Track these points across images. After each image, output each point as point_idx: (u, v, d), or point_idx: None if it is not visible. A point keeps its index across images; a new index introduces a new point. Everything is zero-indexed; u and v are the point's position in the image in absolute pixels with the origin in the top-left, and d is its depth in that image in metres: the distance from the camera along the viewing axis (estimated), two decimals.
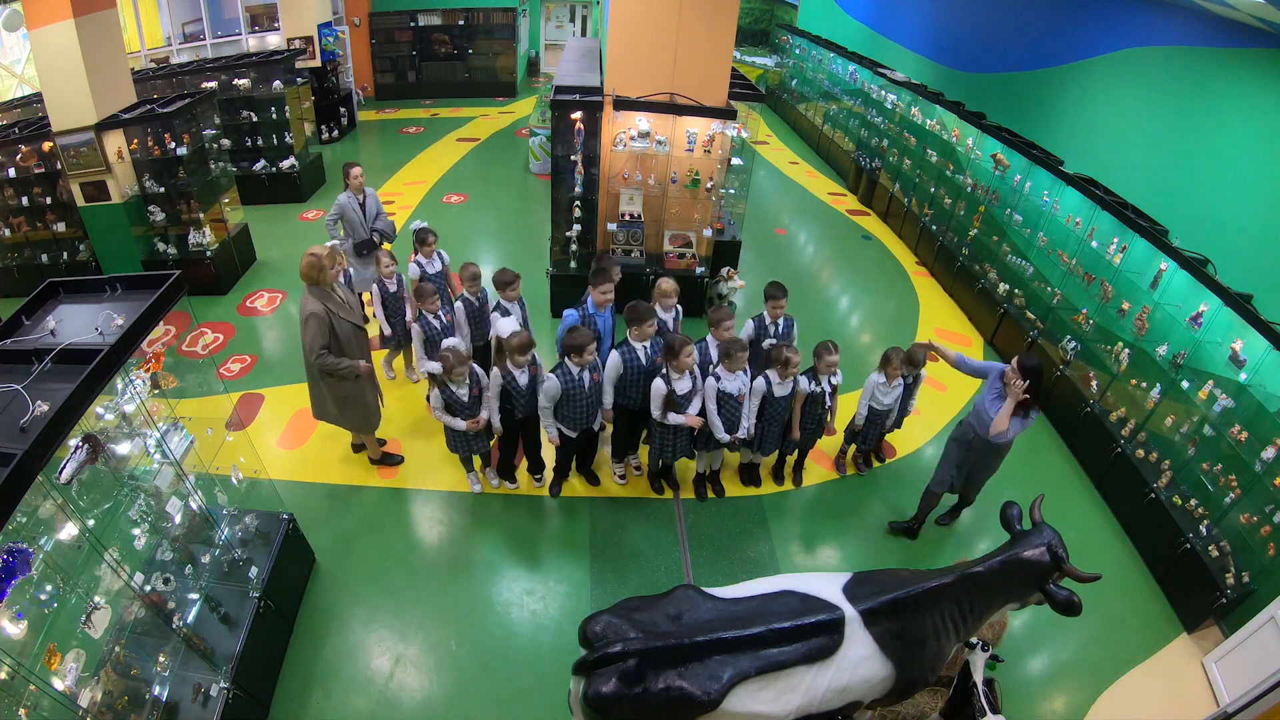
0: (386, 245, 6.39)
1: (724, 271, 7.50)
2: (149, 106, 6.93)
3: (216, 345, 6.68)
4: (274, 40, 11.79)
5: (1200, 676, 4.21)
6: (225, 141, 8.33)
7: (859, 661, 2.81)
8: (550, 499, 5.12)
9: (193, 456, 3.71)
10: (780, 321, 5.09)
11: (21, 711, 2.48)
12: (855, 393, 5.97)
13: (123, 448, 3.20)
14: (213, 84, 9.37)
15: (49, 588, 2.70)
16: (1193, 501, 4.72)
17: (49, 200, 7.26)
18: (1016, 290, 7.14)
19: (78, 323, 3.03)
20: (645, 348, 4.58)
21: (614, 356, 4.56)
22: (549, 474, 5.19)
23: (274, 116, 9.68)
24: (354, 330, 4.53)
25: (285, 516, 4.23)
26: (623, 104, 6.34)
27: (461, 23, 14.65)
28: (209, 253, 7.34)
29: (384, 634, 4.14)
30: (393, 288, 5.59)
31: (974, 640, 3.28)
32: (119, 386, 3.14)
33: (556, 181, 6.72)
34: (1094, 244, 5.98)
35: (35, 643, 2.61)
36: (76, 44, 6.20)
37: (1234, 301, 4.56)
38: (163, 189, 7.16)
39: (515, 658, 4.05)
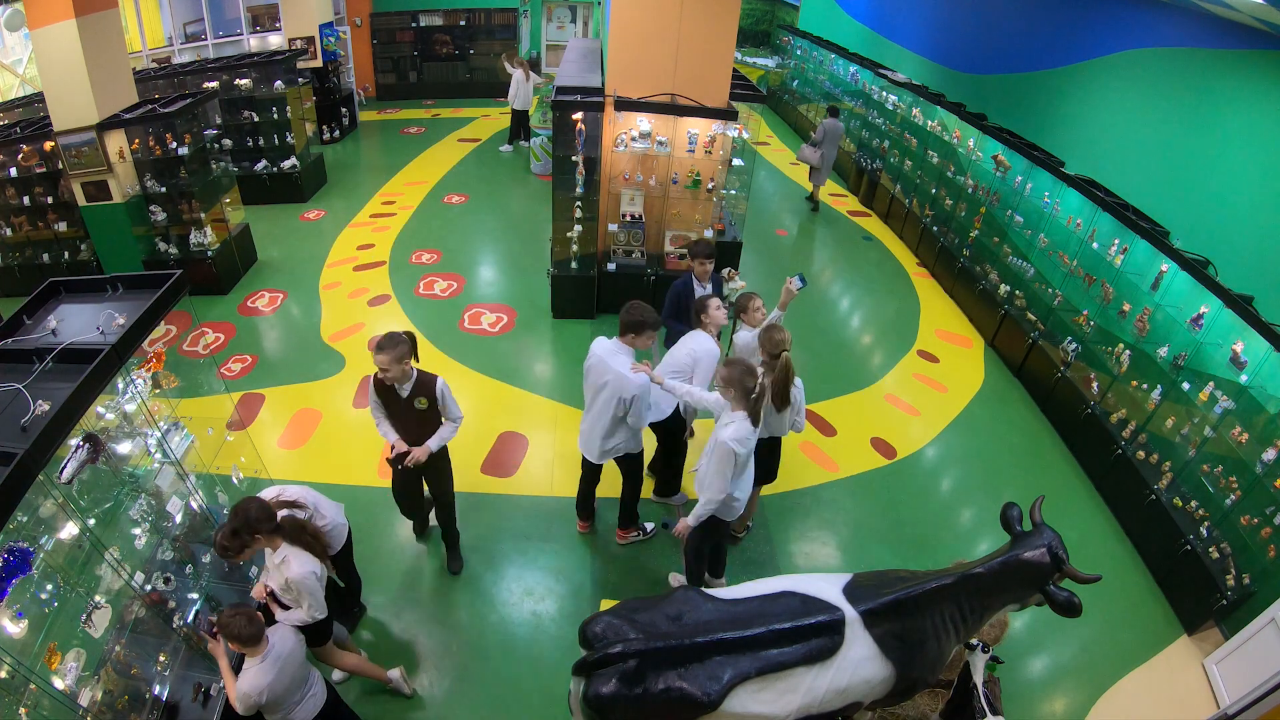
0: None
1: (725, 272, 7.46)
2: (150, 106, 6.94)
3: (217, 345, 6.69)
4: (275, 40, 11.80)
5: (1201, 678, 4.21)
6: (227, 141, 8.35)
7: (859, 662, 2.81)
8: (550, 499, 5.11)
9: (193, 456, 3.72)
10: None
11: (22, 710, 2.48)
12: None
13: (124, 447, 3.20)
14: (214, 84, 9.39)
15: (50, 587, 2.70)
16: (1193, 503, 4.72)
17: (50, 200, 7.27)
18: (1017, 291, 7.13)
19: (79, 322, 3.04)
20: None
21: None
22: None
23: (275, 116, 9.69)
24: None
25: None
26: (624, 105, 6.34)
27: (463, 23, 14.66)
28: (210, 252, 7.35)
29: (384, 634, 4.14)
30: None
31: (974, 641, 3.28)
32: (120, 386, 3.15)
33: (558, 182, 6.73)
34: (1095, 245, 5.98)
35: (36, 642, 2.61)
36: (78, 44, 6.20)
37: (1235, 303, 4.55)
38: (164, 189, 7.16)
39: (515, 658, 4.04)
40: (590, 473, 4.59)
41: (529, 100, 11.65)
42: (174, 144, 6.99)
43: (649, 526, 4.86)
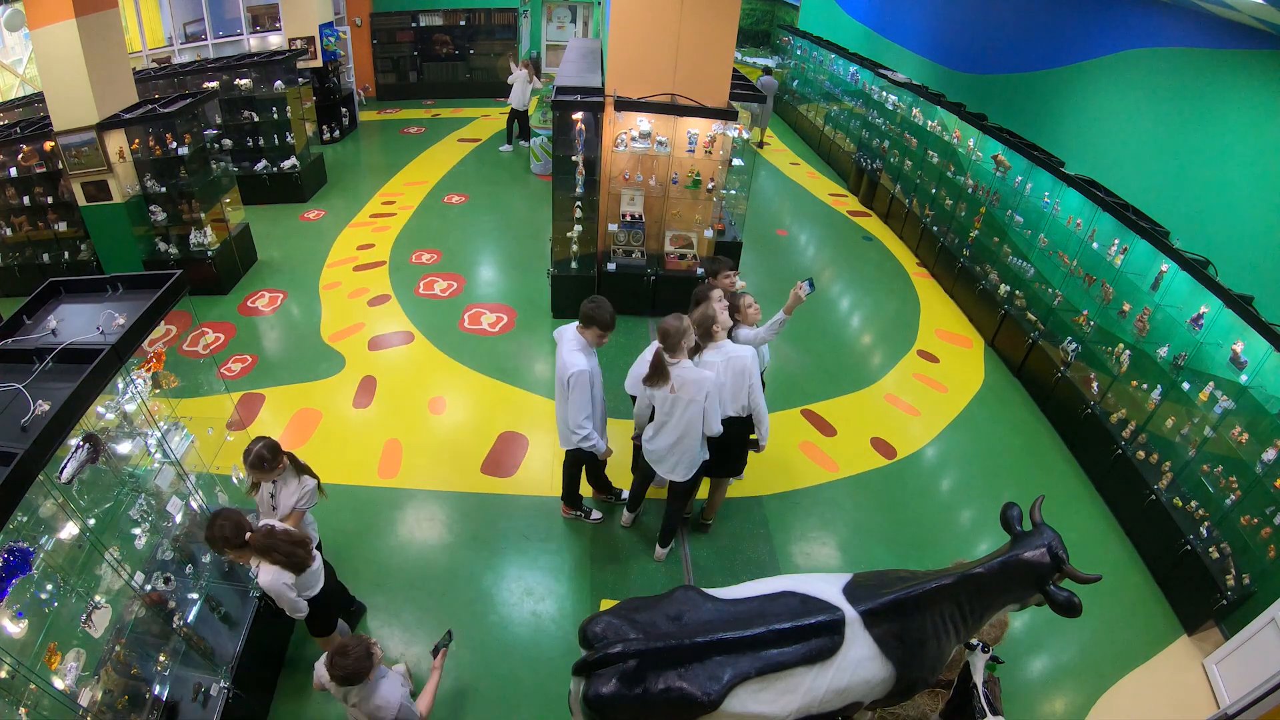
0: None
1: None
2: (150, 106, 6.94)
3: (217, 345, 6.69)
4: (275, 40, 11.80)
5: (1201, 678, 4.21)
6: (227, 141, 8.34)
7: (859, 662, 2.81)
8: (551, 499, 5.12)
9: (193, 456, 3.72)
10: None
11: (22, 710, 2.48)
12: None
13: (123, 447, 3.20)
14: (214, 84, 9.39)
15: (50, 587, 2.70)
16: (1193, 503, 4.72)
17: (50, 200, 7.27)
18: (1017, 291, 7.13)
19: (79, 322, 3.04)
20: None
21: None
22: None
23: (275, 116, 9.69)
24: None
25: None
26: (624, 105, 6.34)
27: (463, 23, 14.66)
28: (210, 252, 7.35)
29: (384, 634, 4.14)
30: None
31: (974, 641, 3.28)
32: (120, 386, 3.15)
33: (558, 182, 6.72)
34: (1095, 245, 5.98)
35: (36, 642, 2.61)
36: (78, 44, 6.21)
37: (1235, 303, 4.55)
38: (164, 189, 7.16)
39: (515, 658, 4.05)
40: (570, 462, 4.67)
41: (528, 100, 11.78)
42: (174, 144, 6.99)
43: (596, 514, 4.94)
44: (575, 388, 3.96)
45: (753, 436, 4.38)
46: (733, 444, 4.31)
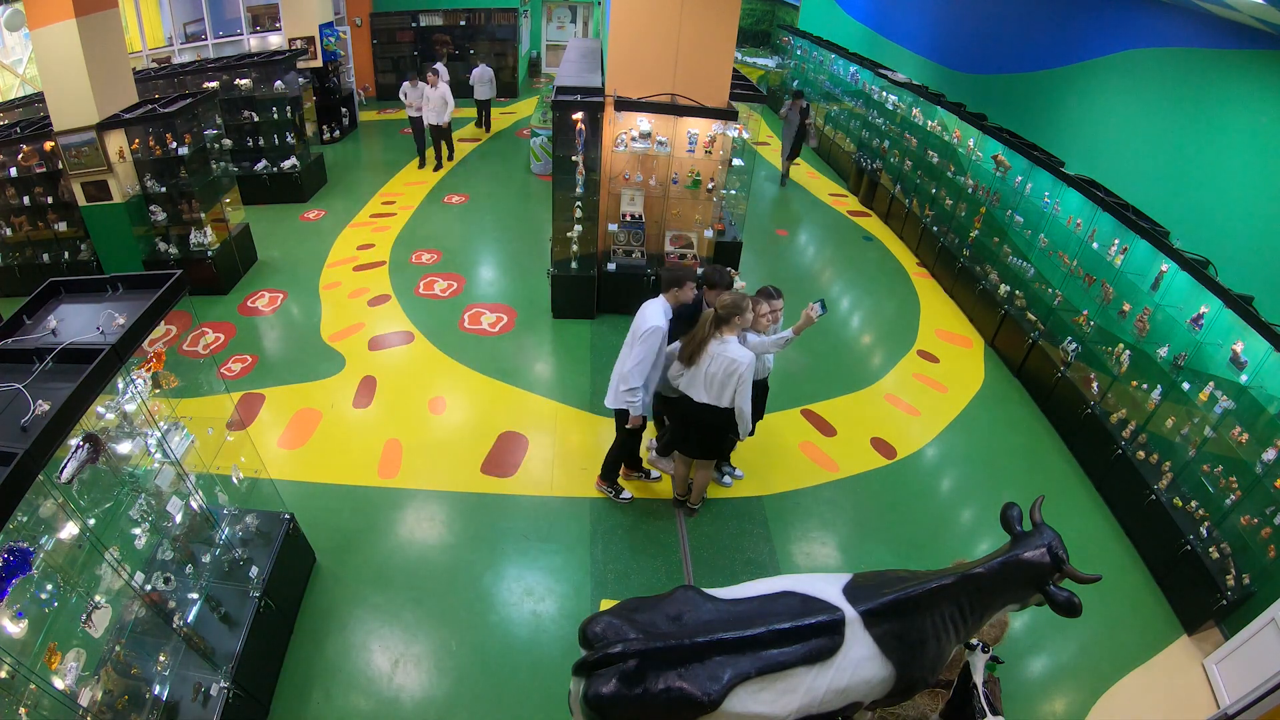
0: None
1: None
2: (150, 106, 6.94)
3: (217, 345, 6.69)
4: (275, 40, 11.81)
5: (1201, 678, 4.21)
6: (227, 141, 8.35)
7: (859, 662, 2.81)
8: (551, 499, 5.12)
9: (193, 456, 3.71)
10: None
11: (22, 710, 2.48)
12: None
13: (124, 447, 3.20)
14: (214, 84, 9.39)
15: (50, 587, 2.70)
16: (1193, 503, 4.72)
17: (50, 200, 7.27)
18: (1017, 292, 7.13)
19: (79, 322, 3.03)
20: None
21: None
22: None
23: (275, 116, 9.69)
24: None
25: (286, 516, 4.23)
26: (624, 105, 6.34)
27: (463, 23, 14.68)
28: (210, 252, 7.35)
29: (384, 634, 4.14)
30: None
31: (974, 641, 3.28)
32: (120, 386, 3.14)
33: (558, 182, 6.73)
34: (1095, 245, 5.98)
35: (36, 641, 2.61)
36: (78, 44, 6.21)
37: (1235, 303, 4.55)
38: (164, 189, 7.16)
39: (515, 658, 4.05)
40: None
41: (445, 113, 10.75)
42: (174, 144, 7.00)
43: (626, 494, 5.13)
44: (644, 341, 4.30)
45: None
46: (709, 429, 4.49)
